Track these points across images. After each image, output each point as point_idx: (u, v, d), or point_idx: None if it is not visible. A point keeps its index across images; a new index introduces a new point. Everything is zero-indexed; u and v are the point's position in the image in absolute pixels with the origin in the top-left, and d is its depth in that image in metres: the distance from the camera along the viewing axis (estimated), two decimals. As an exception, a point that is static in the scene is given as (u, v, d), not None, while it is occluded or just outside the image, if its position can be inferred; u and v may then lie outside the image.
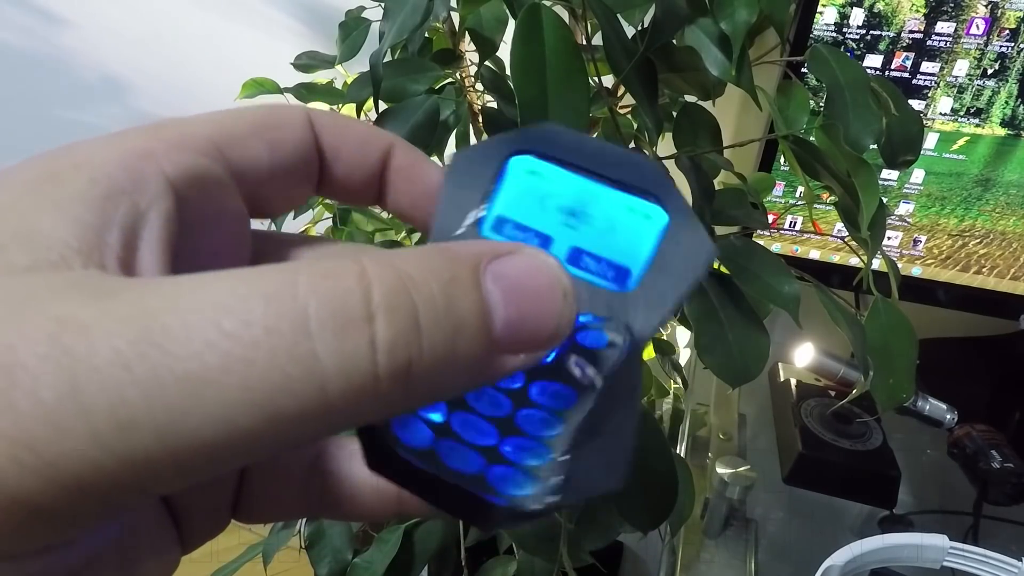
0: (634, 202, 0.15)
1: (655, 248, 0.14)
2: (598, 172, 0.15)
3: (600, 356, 0.14)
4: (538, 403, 0.14)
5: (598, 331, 0.14)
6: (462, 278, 0.11)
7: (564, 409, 0.14)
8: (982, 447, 0.66)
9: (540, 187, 0.15)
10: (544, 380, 0.14)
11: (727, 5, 0.39)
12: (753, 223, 0.41)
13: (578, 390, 0.14)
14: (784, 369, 0.80)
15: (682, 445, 0.69)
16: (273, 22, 0.96)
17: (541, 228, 0.15)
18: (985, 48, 0.63)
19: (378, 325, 0.10)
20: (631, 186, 0.15)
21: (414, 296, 0.11)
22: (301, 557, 0.61)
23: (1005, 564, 0.46)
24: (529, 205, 0.15)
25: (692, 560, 0.58)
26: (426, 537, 0.59)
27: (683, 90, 0.43)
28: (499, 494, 0.13)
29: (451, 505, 0.14)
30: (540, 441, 0.14)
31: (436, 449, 0.13)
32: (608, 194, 0.15)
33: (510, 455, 0.14)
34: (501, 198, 0.15)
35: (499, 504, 0.13)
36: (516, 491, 0.13)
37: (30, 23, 1.02)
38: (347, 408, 0.10)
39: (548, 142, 0.15)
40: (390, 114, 0.43)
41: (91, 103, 1.07)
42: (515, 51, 0.30)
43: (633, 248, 0.15)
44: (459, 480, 0.13)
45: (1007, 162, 0.67)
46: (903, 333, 0.40)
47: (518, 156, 0.15)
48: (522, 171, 0.15)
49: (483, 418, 0.14)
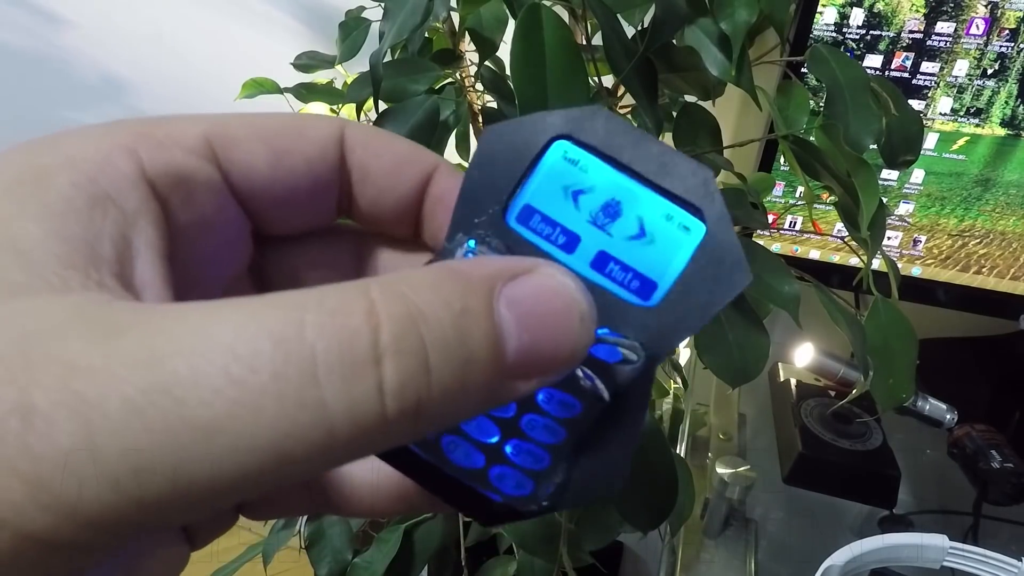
0: (673, 210, 0.14)
1: (687, 264, 0.14)
2: (641, 172, 0.14)
3: (612, 371, 0.13)
4: (544, 410, 0.14)
5: (612, 346, 0.13)
6: (475, 309, 0.11)
7: (568, 418, 0.14)
8: (982, 447, 0.66)
9: (576, 178, 0.14)
10: (552, 388, 0.14)
11: (727, 5, 0.39)
12: (753, 223, 0.41)
13: (585, 402, 0.14)
14: (784, 369, 0.80)
15: (682, 445, 0.69)
16: (273, 22, 0.96)
17: (570, 225, 0.14)
18: (985, 48, 0.63)
19: (386, 368, 0.10)
20: (673, 191, 0.14)
21: (424, 333, 0.10)
22: (301, 557, 0.61)
23: (1005, 564, 0.46)
24: (561, 197, 0.14)
25: (692, 560, 0.58)
26: (426, 537, 0.59)
27: (683, 90, 0.43)
28: (497, 491, 0.13)
29: (450, 496, 0.14)
30: (542, 446, 0.14)
31: (441, 443, 0.14)
32: (647, 197, 0.14)
33: (511, 456, 0.14)
34: (533, 184, 0.14)
35: (496, 501, 0.13)
36: (514, 491, 0.13)
37: (30, 23, 1.02)
38: (354, 447, 0.10)
39: (594, 130, 0.14)
40: (390, 114, 0.43)
41: (91, 103, 1.07)
42: (515, 51, 0.30)
43: (664, 260, 0.14)
44: (460, 474, 0.13)
45: (1007, 162, 0.67)
46: (903, 333, 0.40)
47: (560, 140, 0.14)
48: (560, 157, 0.14)
49: (488, 417, 0.14)
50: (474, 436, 0.14)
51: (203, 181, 0.13)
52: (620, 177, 0.14)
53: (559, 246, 0.14)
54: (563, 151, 0.14)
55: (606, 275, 0.14)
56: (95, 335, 0.10)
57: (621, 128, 0.14)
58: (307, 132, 0.15)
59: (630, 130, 0.14)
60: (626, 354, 0.14)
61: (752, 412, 0.77)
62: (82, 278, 0.11)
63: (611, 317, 0.14)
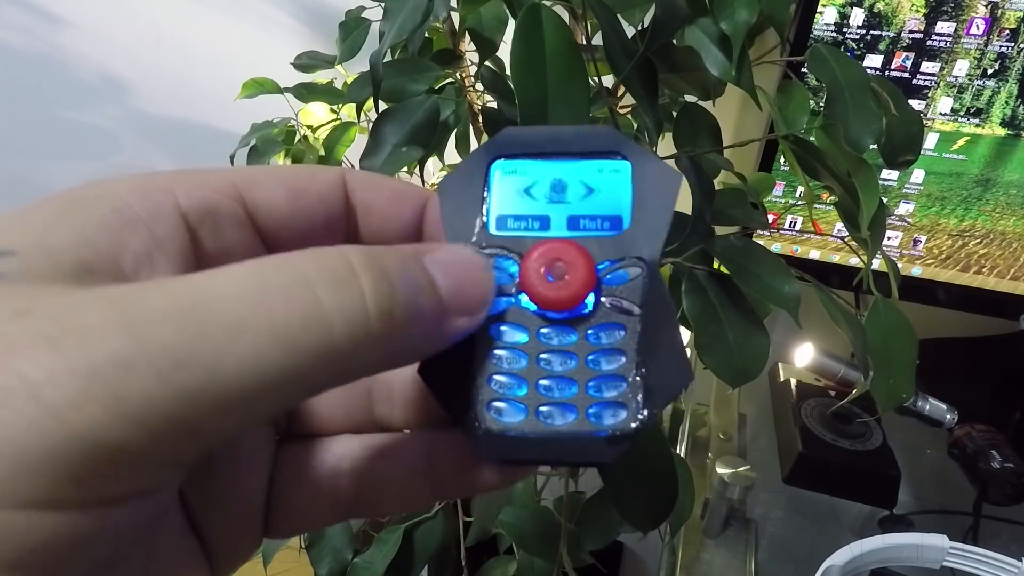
0: (600, 164, 0.17)
1: (632, 191, 0.17)
2: (562, 151, 0.17)
3: (628, 288, 0.16)
4: (597, 344, 0.16)
5: (617, 270, 0.17)
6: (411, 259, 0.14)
7: (620, 341, 0.16)
8: (982, 447, 0.66)
9: (522, 180, 0.17)
10: (594, 325, 0.16)
11: (727, 5, 0.39)
12: (753, 223, 0.41)
13: (624, 322, 0.16)
14: (784, 369, 0.80)
15: (682, 445, 0.69)
16: (273, 22, 0.96)
17: (536, 212, 0.17)
18: (985, 48, 0.63)
19: (364, 281, 0.13)
20: (592, 152, 0.17)
21: (384, 267, 0.13)
22: (301, 557, 0.61)
23: (1005, 564, 0.46)
24: (519, 197, 0.17)
25: (692, 560, 0.58)
26: (426, 537, 0.59)
27: (683, 90, 0.43)
28: (601, 427, 0.16)
29: (566, 455, 0.16)
30: (613, 373, 0.16)
31: (537, 416, 0.16)
32: (577, 165, 0.17)
33: (596, 394, 0.16)
34: (494, 200, 0.17)
35: (604, 435, 0.16)
36: (614, 420, 0.16)
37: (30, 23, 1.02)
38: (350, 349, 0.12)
39: (513, 143, 0.18)
40: (390, 114, 0.42)
41: (91, 103, 1.07)
42: (515, 51, 0.30)
43: (615, 198, 0.17)
44: (566, 433, 0.16)
45: (1007, 162, 0.67)
46: (903, 333, 0.40)
47: (495, 162, 0.17)
48: (502, 173, 0.17)
49: (560, 375, 0.16)
50: (559, 397, 0.16)
51: (230, 215, 0.16)
52: (550, 163, 0.17)
53: (538, 229, 0.17)
54: (500, 168, 0.17)
55: (583, 229, 0.17)
56: (123, 291, 0.11)
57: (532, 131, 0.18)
58: (318, 174, 0.17)
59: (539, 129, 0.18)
60: (630, 270, 0.17)
61: (752, 412, 0.77)
62: (98, 280, 0.13)
63: (605, 252, 0.17)
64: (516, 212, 0.17)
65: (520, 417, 0.16)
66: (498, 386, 0.16)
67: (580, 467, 0.18)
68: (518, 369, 0.16)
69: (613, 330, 0.16)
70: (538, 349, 0.16)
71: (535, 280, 0.16)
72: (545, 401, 0.16)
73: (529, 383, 0.16)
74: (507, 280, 0.17)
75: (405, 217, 0.18)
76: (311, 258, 0.13)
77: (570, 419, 0.16)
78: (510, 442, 0.16)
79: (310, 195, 0.17)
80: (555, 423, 0.16)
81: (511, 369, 0.16)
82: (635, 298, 0.16)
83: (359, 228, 0.18)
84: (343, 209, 0.17)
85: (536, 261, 0.16)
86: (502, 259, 0.17)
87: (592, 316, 0.16)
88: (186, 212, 0.15)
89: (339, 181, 0.17)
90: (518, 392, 0.16)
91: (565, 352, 0.16)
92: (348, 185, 0.17)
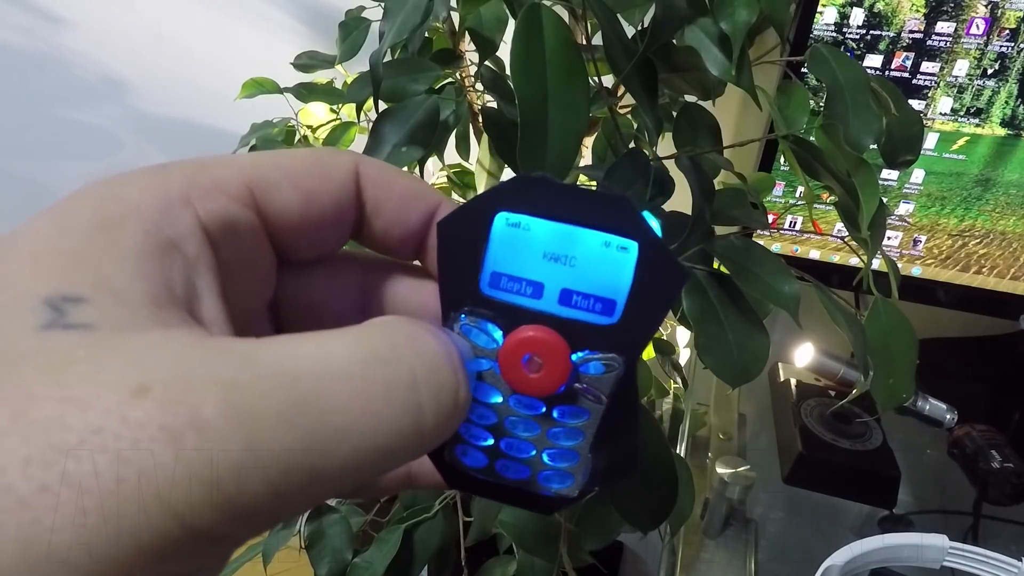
0: (608, 238, 0.16)
1: (632, 278, 0.16)
2: (572, 216, 0.16)
3: (601, 380, 0.17)
4: (560, 422, 0.17)
5: (596, 362, 0.17)
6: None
7: (581, 423, 0.17)
8: (982, 447, 0.66)
9: (524, 238, 0.17)
10: (562, 405, 0.17)
11: (727, 5, 0.39)
12: (753, 223, 0.41)
13: (589, 408, 0.17)
14: (784, 369, 0.80)
15: (682, 445, 0.69)
16: (273, 22, 0.96)
17: (532, 276, 0.17)
18: (985, 48, 0.63)
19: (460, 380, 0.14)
20: (604, 223, 0.16)
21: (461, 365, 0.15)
22: (301, 557, 0.61)
23: (1005, 564, 0.46)
24: (517, 257, 0.17)
25: (692, 560, 0.58)
26: (426, 537, 0.59)
27: (683, 90, 0.43)
28: (548, 489, 0.18)
29: (513, 500, 0.18)
30: (569, 449, 0.18)
31: (495, 467, 0.18)
32: (584, 235, 0.16)
33: (549, 462, 0.18)
34: (491, 254, 0.17)
35: (548, 496, 0.18)
36: (558, 486, 0.18)
37: (30, 23, 1.02)
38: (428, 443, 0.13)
39: (523, 196, 0.17)
40: (390, 114, 0.42)
41: (91, 103, 1.07)
42: (515, 51, 0.30)
43: (614, 280, 0.16)
44: (516, 484, 0.18)
45: (1007, 162, 0.67)
46: (903, 333, 0.40)
47: (500, 213, 0.17)
48: (505, 226, 0.17)
49: (522, 439, 0.18)
50: (517, 456, 0.18)
51: (246, 226, 0.15)
52: (558, 226, 0.17)
53: (529, 296, 0.17)
54: (505, 220, 0.17)
55: (573, 307, 0.17)
56: (234, 360, 0.11)
57: (545, 187, 0.17)
58: (332, 172, 0.16)
59: (554, 185, 0.17)
60: (607, 365, 0.17)
61: (752, 412, 0.77)
62: (171, 315, 0.12)
63: (589, 340, 0.17)
64: (511, 272, 0.17)
65: (481, 464, 0.18)
66: (467, 433, 0.18)
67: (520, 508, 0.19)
68: (486, 424, 0.18)
69: (578, 412, 0.17)
70: (507, 412, 0.17)
71: (512, 366, 0.17)
72: (504, 457, 0.18)
73: (495, 438, 0.18)
74: (490, 345, 0.17)
75: (412, 224, 0.18)
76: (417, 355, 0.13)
77: (523, 476, 0.18)
78: (470, 480, 0.18)
79: (323, 198, 0.16)
80: (509, 476, 0.18)
81: (481, 423, 0.18)
82: (605, 390, 0.17)
83: (365, 225, 0.18)
84: (354, 207, 0.17)
85: (514, 347, 0.16)
86: (489, 323, 0.17)
87: (562, 396, 0.17)
88: (207, 225, 0.14)
89: (352, 176, 0.17)
90: (483, 443, 0.18)
91: (530, 421, 0.17)
92: (361, 178, 0.17)
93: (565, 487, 0.18)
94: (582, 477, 0.18)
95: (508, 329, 0.17)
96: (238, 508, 0.11)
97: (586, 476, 0.18)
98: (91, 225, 0.13)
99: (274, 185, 0.16)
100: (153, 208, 0.13)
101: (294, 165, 0.16)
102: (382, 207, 0.17)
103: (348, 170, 0.17)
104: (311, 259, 0.18)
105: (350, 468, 0.12)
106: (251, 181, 0.15)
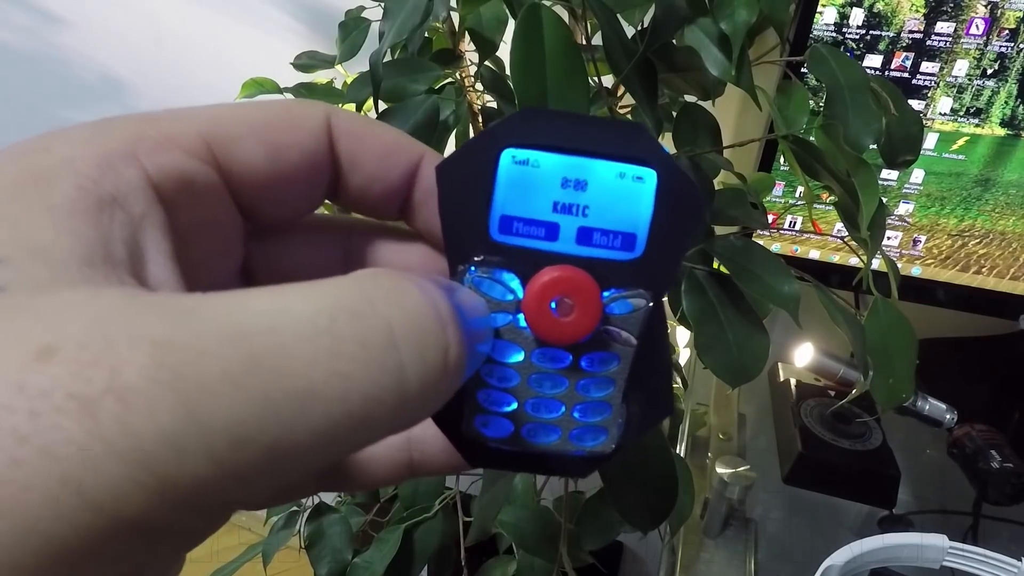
0: (624, 168, 0.15)
1: (653, 208, 0.15)
2: (583, 147, 0.15)
3: (630, 320, 0.16)
4: (589, 371, 0.16)
5: (622, 300, 0.16)
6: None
7: (611, 370, 0.16)
8: (982, 447, 0.66)
9: (533, 176, 0.15)
10: (590, 352, 0.16)
11: (727, 5, 0.39)
12: (753, 223, 0.41)
13: (619, 352, 0.16)
14: (784, 369, 0.80)
15: (682, 445, 0.69)
16: (273, 22, 0.96)
17: (545, 218, 0.15)
18: (985, 48, 0.63)
19: (450, 333, 0.12)
20: (618, 152, 0.15)
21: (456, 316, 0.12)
22: (301, 557, 0.61)
23: (1005, 564, 0.46)
24: (528, 197, 0.15)
25: (692, 560, 0.58)
26: (426, 537, 0.59)
27: (683, 90, 0.43)
28: (580, 449, 0.16)
29: (543, 468, 0.17)
30: (600, 400, 0.16)
31: (521, 433, 0.16)
32: (598, 166, 0.15)
33: (580, 418, 0.16)
34: (499, 196, 0.15)
35: (580, 455, 0.16)
36: (592, 443, 0.16)
37: (30, 23, 1.02)
38: (416, 408, 0.11)
39: (530, 129, 0.15)
40: (390, 114, 0.43)
41: (91, 103, 1.07)
42: (515, 51, 0.30)
43: (633, 213, 0.15)
44: (546, 449, 0.16)
45: (1007, 162, 0.67)
46: (903, 333, 0.40)
47: (506, 150, 0.15)
48: (512, 164, 0.15)
49: (549, 398, 0.16)
50: (545, 417, 0.16)
51: (204, 184, 0.13)
52: (569, 159, 0.15)
53: (544, 239, 0.15)
54: (512, 157, 0.15)
55: (594, 245, 0.15)
56: (170, 315, 0.09)
57: (552, 117, 0.15)
58: (301, 123, 0.15)
59: (563, 115, 0.16)
60: (635, 302, 0.16)
61: (752, 412, 0.77)
62: (104, 276, 0.11)
63: (613, 277, 0.15)
64: (523, 215, 0.15)
65: (506, 432, 0.16)
66: (487, 400, 0.16)
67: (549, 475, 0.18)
68: (509, 387, 0.16)
69: (607, 359, 0.16)
70: (531, 370, 0.16)
71: (539, 313, 0.15)
72: (531, 420, 0.16)
73: (519, 401, 0.16)
74: (507, 296, 0.15)
75: (393, 179, 0.16)
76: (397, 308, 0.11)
77: (553, 438, 0.16)
78: (493, 452, 0.16)
79: (291, 151, 0.14)
80: (538, 441, 0.16)
81: (502, 386, 0.16)
82: (635, 330, 0.16)
83: (341, 182, 0.16)
84: (327, 161, 0.15)
85: (542, 291, 0.15)
86: (504, 272, 0.15)
87: (589, 343, 0.16)
88: (158, 183, 0.12)
89: (323, 127, 0.15)
90: (506, 408, 0.16)
91: (557, 376, 0.16)
92: (333, 131, 0.15)
93: (599, 443, 0.16)
94: (616, 430, 0.16)
95: (526, 276, 0.15)
96: (178, 491, 0.09)
97: (620, 428, 0.16)
98: (13, 183, 0.11)
99: (235, 138, 0.14)
100: (89, 163, 0.12)
101: (258, 117, 0.14)
102: (359, 161, 0.15)
103: (319, 121, 0.15)
104: (284, 222, 0.16)
105: (321, 440, 0.10)
106: (208, 134, 0.14)
